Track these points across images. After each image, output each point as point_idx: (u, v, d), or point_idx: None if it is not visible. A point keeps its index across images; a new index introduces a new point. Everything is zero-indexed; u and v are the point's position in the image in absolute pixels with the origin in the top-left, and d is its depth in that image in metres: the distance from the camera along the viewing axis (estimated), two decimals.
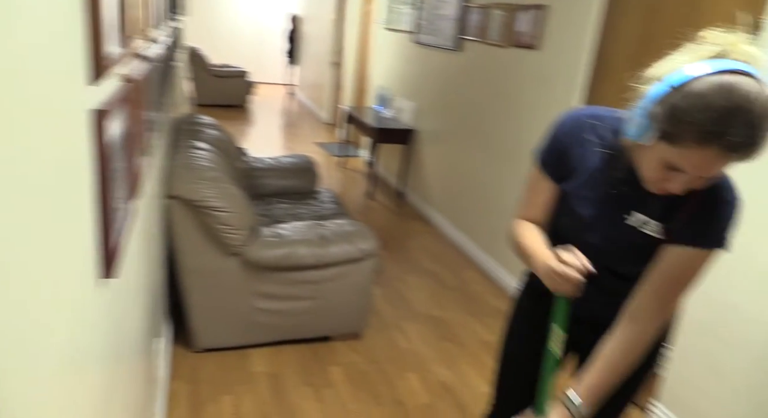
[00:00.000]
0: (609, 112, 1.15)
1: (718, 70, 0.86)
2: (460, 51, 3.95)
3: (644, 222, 1.09)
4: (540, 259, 1.13)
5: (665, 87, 0.90)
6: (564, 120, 1.18)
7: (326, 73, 7.87)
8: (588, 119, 1.15)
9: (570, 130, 1.15)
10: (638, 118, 0.95)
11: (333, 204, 3.43)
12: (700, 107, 0.86)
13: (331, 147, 6.57)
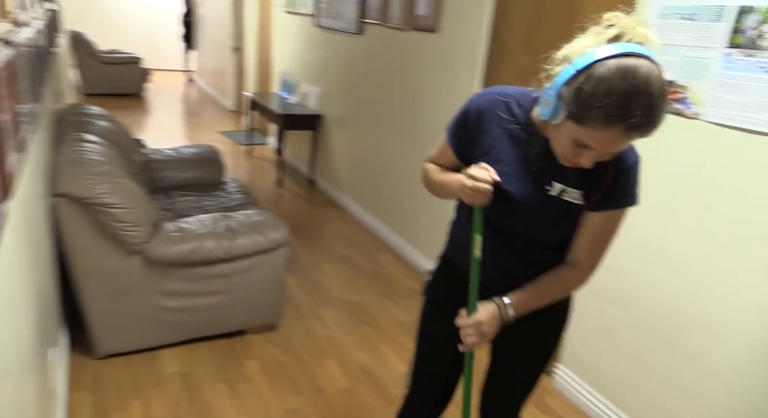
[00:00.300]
0: (518, 90, 1.20)
1: (619, 53, 0.92)
2: (362, 34, 3.93)
3: (563, 190, 1.16)
4: (454, 180, 1.21)
5: (572, 70, 0.96)
6: (476, 99, 1.21)
7: (227, 58, 7.57)
8: (500, 98, 1.18)
9: (483, 109, 1.18)
10: (550, 99, 1.00)
11: (241, 194, 3.32)
12: (604, 91, 0.91)
13: (237, 135, 6.36)
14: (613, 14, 0.99)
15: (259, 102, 5.11)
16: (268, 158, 5.66)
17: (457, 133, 1.25)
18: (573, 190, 1.15)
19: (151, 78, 8.71)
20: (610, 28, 0.97)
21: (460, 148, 1.26)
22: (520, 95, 1.18)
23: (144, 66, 8.14)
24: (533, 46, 2.46)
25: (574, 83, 0.95)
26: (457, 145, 1.26)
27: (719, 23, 1.68)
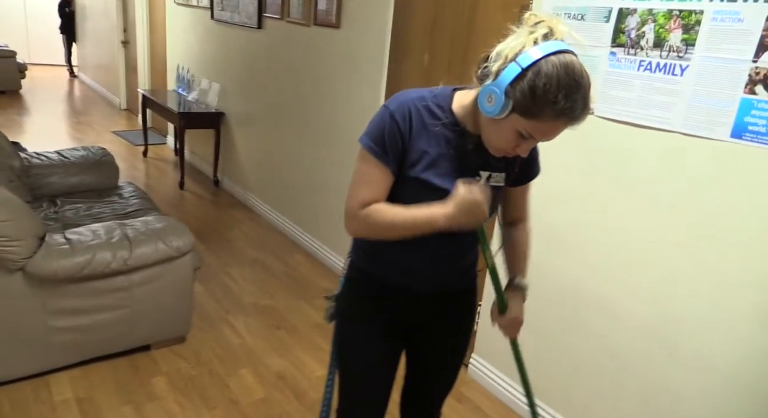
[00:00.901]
0: (428, 91, 1.19)
1: (557, 51, 0.98)
2: (262, 29, 3.81)
3: (489, 176, 1.21)
4: (436, 209, 1.11)
5: (517, 68, 0.99)
6: (396, 107, 1.15)
7: (116, 53, 7.06)
8: (418, 102, 1.16)
9: (408, 116, 1.14)
10: (495, 96, 1.01)
11: (138, 199, 3.10)
12: (554, 86, 0.97)
13: (131, 135, 5.95)
14: (536, 14, 1.04)
15: (152, 99, 4.81)
16: (167, 159, 5.35)
17: (388, 149, 1.15)
18: (497, 174, 1.23)
19: (29, 73, 7.95)
20: (537, 26, 1.01)
21: (395, 164, 1.16)
22: (435, 96, 1.17)
23: (20, 60, 7.40)
24: (434, 45, 2.50)
25: (525, 81, 0.98)
26: (392, 161, 1.15)
27: (606, 24, 1.79)
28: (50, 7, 9.54)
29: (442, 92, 1.18)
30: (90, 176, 3.20)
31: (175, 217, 3.91)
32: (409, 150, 1.15)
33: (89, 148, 3.35)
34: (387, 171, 1.16)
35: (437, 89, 1.19)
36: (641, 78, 1.72)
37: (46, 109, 6.98)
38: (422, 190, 1.16)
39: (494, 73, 1.02)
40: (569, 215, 2.02)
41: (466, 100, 1.15)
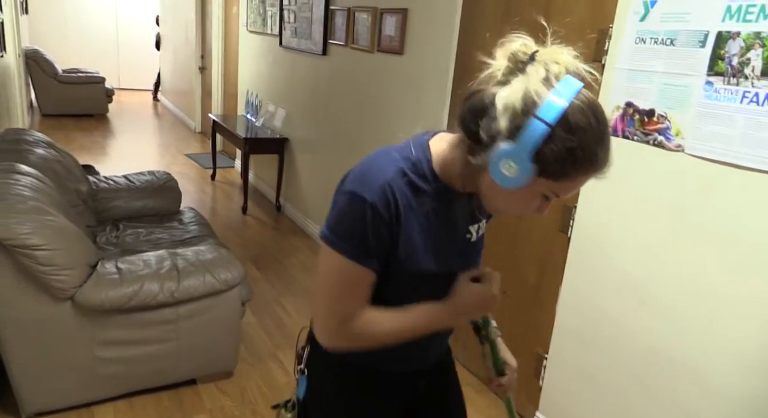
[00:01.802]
0: (404, 160, 0.94)
1: (576, 94, 0.78)
2: (327, 56, 3.78)
3: (479, 228, 1.06)
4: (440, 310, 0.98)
5: (542, 126, 0.77)
6: (377, 199, 0.88)
7: (194, 79, 7.35)
8: (400, 181, 0.92)
9: (393, 206, 0.90)
10: (517, 167, 0.79)
11: (197, 225, 3.10)
12: (591, 141, 0.79)
13: (202, 158, 6.12)
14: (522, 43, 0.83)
15: (221, 124, 4.90)
16: (233, 182, 5.43)
17: (372, 250, 0.90)
18: (482, 223, 1.07)
19: (118, 98, 8.45)
20: (536, 61, 0.81)
21: (380, 264, 0.93)
22: (414, 164, 0.93)
23: (108, 85, 7.88)
24: None
25: (556, 141, 0.77)
26: (377, 261, 0.92)
27: (701, 49, 1.56)
28: (140, 35, 10.17)
29: (418, 156, 0.93)
30: (153, 201, 3.24)
31: (235, 242, 3.92)
32: (398, 243, 0.92)
33: (155, 172, 3.41)
34: (371, 274, 0.93)
35: (411, 150, 0.95)
36: (745, 112, 1.47)
37: (128, 131, 7.35)
38: (419, 280, 0.97)
39: (506, 133, 0.78)
40: (654, 269, 1.76)
41: (446, 152, 0.92)
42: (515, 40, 0.84)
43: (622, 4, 1.78)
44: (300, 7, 4.08)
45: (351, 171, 0.95)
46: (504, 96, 0.79)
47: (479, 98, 0.83)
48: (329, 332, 0.97)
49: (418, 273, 0.96)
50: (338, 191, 0.94)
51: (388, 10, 3.01)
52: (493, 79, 0.84)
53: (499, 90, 0.80)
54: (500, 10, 2.31)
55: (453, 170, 0.92)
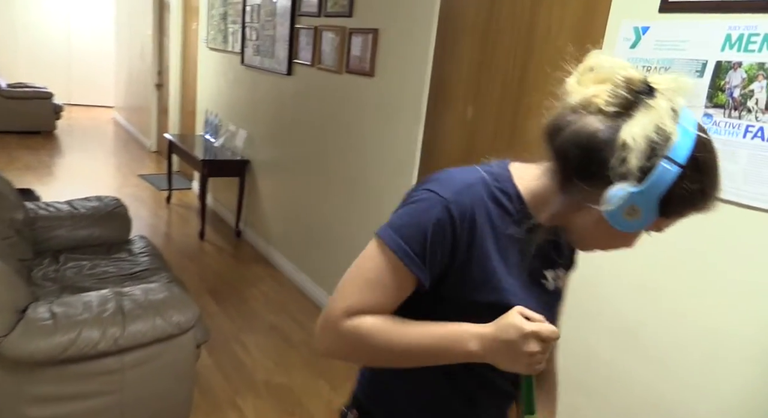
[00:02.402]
0: (487, 173, 0.84)
1: (696, 129, 0.72)
2: (292, 75, 3.60)
3: (555, 277, 0.91)
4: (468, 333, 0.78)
5: (673, 168, 0.70)
6: (455, 201, 0.78)
7: (149, 95, 7.05)
8: (484, 192, 0.81)
9: (470, 219, 0.79)
10: (643, 211, 0.72)
11: (148, 256, 2.85)
12: (714, 181, 0.74)
13: (157, 180, 5.81)
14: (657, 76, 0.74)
15: (178, 145, 4.64)
16: (190, 206, 5.15)
17: (428, 256, 0.79)
18: (561, 271, 0.93)
19: (67, 114, 8.02)
20: (673, 97, 0.72)
21: (430, 279, 0.81)
22: (496, 179, 0.83)
23: (56, 101, 7.47)
24: (479, 97, 2.21)
25: (688, 183, 0.71)
26: (429, 274, 0.80)
27: (698, 79, 1.46)
28: (94, 50, 9.76)
29: (500, 172, 0.84)
30: (100, 229, 2.97)
31: (191, 271, 3.66)
32: (465, 266, 0.80)
33: (102, 198, 3.14)
34: (412, 283, 0.81)
35: (492, 167, 0.86)
36: (748, 147, 1.37)
37: (77, 150, 6.96)
38: (490, 315, 0.80)
39: (634, 174, 0.70)
40: (651, 313, 1.64)
41: (532, 181, 0.83)
42: (624, 66, 0.74)
43: (611, 30, 1.68)
44: (263, 24, 3.91)
45: (424, 178, 0.86)
46: (632, 132, 0.70)
47: (586, 132, 0.73)
48: (328, 324, 0.83)
49: (491, 303, 0.81)
50: (409, 192, 0.86)
51: (358, 30, 2.87)
52: (591, 106, 0.74)
53: (620, 124, 0.71)
54: (478, 34, 2.20)
55: (540, 197, 0.82)
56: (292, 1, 3.48)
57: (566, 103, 0.77)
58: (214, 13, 4.79)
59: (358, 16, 2.90)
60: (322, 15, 3.19)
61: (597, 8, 1.73)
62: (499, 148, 2.11)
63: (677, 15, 1.50)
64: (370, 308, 0.81)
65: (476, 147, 2.22)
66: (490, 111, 2.16)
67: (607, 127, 0.72)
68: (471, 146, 2.25)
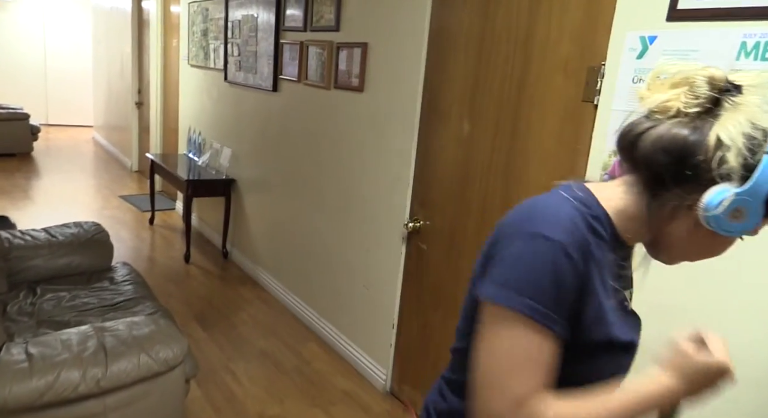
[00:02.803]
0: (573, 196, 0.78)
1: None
2: (278, 92, 3.51)
3: (630, 295, 0.88)
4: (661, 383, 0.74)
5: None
6: (571, 242, 0.71)
7: (130, 114, 6.90)
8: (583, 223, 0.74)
9: (587, 253, 0.73)
10: (748, 210, 0.68)
11: (131, 285, 2.71)
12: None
13: (139, 201, 5.65)
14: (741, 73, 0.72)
15: (161, 165, 4.50)
16: (174, 227, 5.00)
17: (561, 308, 0.71)
18: (630, 291, 0.88)
19: (44, 135, 7.83)
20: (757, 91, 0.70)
21: (568, 330, 0.73)
22: (584, 203, 0.77)
23: (33, 122, 7.28)
24: (475, 111, 2.13)
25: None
26: (566, 326, 0.72)
27: None
28: (71, 69, 9.59)
29: (587, 198, 0.78)
30: (80, 257, 2.82)
31: (176, 297, 3.51)
32: (582, 308, 0.73)
33: (82, 224, 2.99)
34: (558, 341, 0.72)
35: (574, 190, 0.79)
36: None
37: (56, 172, 6.76)
38: (603, 353, 0.76)
39: (737, 174, 0.68)
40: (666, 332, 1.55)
41: (617, 200, 0.78)
42: (700, 67, 0.72)
43: (616, 40, 1.61)
44: (246, 40, 3.81)
45: (509, 217, 0.79)
46: (726, 131, 0.68)
47: (671, 135, 0.71)
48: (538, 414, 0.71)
49: (604, 342, 0.76)
50: (502, 238, 0.76)
51: (346, 45, 2.79)
52: (669, 111, 0.72)
53: (708, 125, 0.69)
54: (473, 45, 2.12)
55: (627, 216, 0.78)
56: (276, 16, 3.40)
57: (639, 111, 0.76)
58: (195, 29, 4.69)
59: (345, 30, 2.82)
60: (308, 29, 3.11)
61: (599, 17, 1.67)
62: (498, 163, 2.03)
63: (687, 23, 1.43)
64: (536, 391, 0.72)
65: (474, 162, 2.14)
66: (488, 125, 2.08)
67: (693, 129, 0.70)
68: (468, 161, 2.17)
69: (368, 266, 2.78)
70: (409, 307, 2.56)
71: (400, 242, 2.55)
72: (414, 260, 2.50)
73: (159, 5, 5.67)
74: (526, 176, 1.93)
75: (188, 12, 4.78)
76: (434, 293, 2.40)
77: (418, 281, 2.49)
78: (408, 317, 2.57)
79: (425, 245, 2.43)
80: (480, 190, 2.12)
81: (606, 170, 1.70)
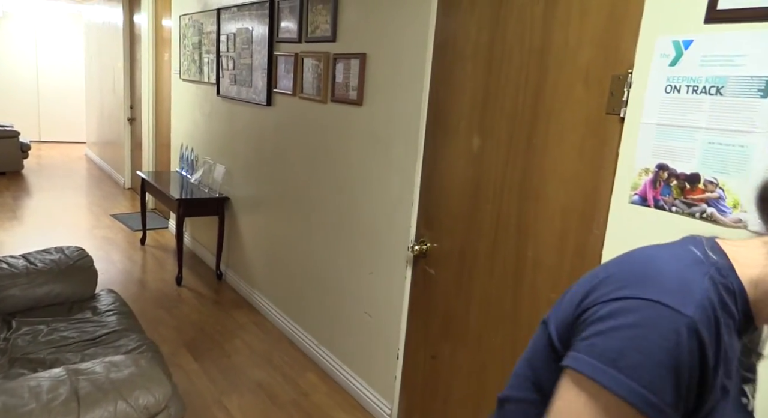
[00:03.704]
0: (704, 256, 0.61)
1: None
2: (272, 106, 3.35)
3: (754, 391, 0.71)
4: None
5: None
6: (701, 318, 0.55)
7: (122, 130, 6.74)
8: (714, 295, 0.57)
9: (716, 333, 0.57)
10: None
11: (116, 315, 2.52)
12: None
13: (131, 219, 5.47)
14: None
15: (152, 184, 4.33)
16: (166, 247, 4.81)
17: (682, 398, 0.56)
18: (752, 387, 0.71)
19: (36, 152, 7.66)
20: None
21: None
22: (719, 270, 0.60)
23: (23, 139, 7.12)
24: (486, 124, 1.96)
25: None
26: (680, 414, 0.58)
27: (762, 100, 1.22)
28: (63, 86, 9.45)
29: (721, 262, 0.61)
30: (61, 285, 2.63)
31: (167, 323, 3.32)
32: (705, 400, 0.57)
33: (64, 249, 2.81)
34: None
35: (704, 247, 0.63)
36: None
37: (46, 190, 6.58)
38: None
39: None
40: None
41: (756, 268, 0.61)
42: None
43: (644, 45, 1.45)
44: (239, 53, 3.66)
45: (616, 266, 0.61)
46: None
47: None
48: None
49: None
50: (607, 294, 0.58)
51: (343, 56, 2.63)
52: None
53: None
54: (482, 56, 1.96)
55: (764, 290, 0.60)
56: (270, 28, 3.24)
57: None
58: (186, 43, 4.54)
59: (342, 40, 2.66)
60: (303, 41, 2.95)
61: (625, 20, 1.50)
62: (513, 181, 1.86)
63: (729, 25, 1.27)
64: None
65: (485, 180, 1.97)
66: (500, 140, 1.91)
67: None
68: (479, 180, 1.99)
69: (371, 290, 2.59)
70: (416, 336, 2.37)
71: (404, 266, 2.37)
72: (421, 286, 2.32)
73: (150, 19, 5.53)
74: (544, 195, 1.76)
75: (180, 25, 4.64)
76: (444, 321, 2.21)
77: (425, 308, 2.30)
78: (415, 347, 2.38)
79: (433, 269, 2.25)
80: (493, 211, 1.95)
81: (635, 190, 1.53)
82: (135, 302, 3.54)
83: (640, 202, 1.47)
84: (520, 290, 1.87)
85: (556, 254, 1.74)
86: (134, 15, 6.22)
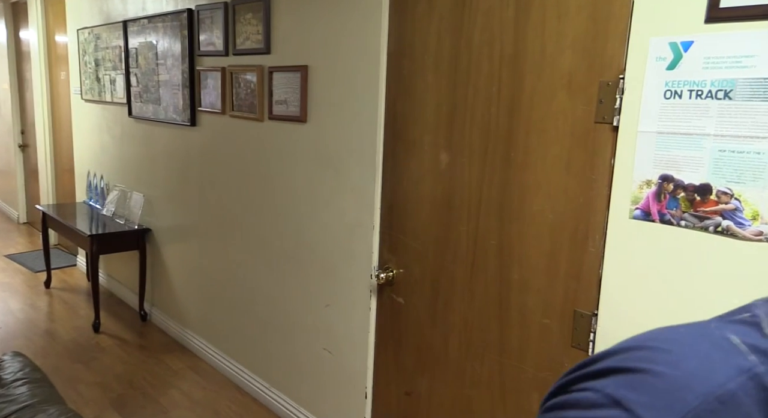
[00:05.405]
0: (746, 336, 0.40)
1: None
2: (198, 126, 3.02)
3: None
4: None
5: None
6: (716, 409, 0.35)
7: (13, 159, 6.00)
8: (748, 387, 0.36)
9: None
10: None
11: (26, 385, 2.10)
12: None
13: (31, 259, 4.83)
14: None
15: (55, 218, 3.81)
16: (77, 288, 4.27)
17: None
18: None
19: None
20: None
21: None
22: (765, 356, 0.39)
23: None
24: (455, 138, 1.80)
25: None
26: None
27: None
28: None
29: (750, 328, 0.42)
30: None
31: (87, 380, 2.87)
32: None
33: None
34: None
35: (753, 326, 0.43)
36: None
37: None
38: None
39: None
40: None
41: None
42: None
43: (637, 47, 1.35)
44: (153, 69, 3.29)
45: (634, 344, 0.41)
46: None
47: None
48: None
49: None
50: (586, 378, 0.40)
51: (280, 69, 2.39)
52: None
53: None
54: (445, 66, 1.80)
55: None
56: (190, 40, 2.93)
57: None
58: (87, 59, 4.07)
59: (278, 52, 2.42)
60: (231, 54, 2.67)
61: (610, 21, 1.40)
62: (490, 199, 1.71)
63: (733, 25, 1.19)
64: None
65: (458, 199, 1.81)
66: (473, 155, 1.76)
67: None
68: (450, 198, 1.83)
69: (329, 324, 2.35)
70: (386, 372, 2.16)
71: (368, 296, 2.15)
72: (388, 316, 2.12)
73: (41, 34, 4.95)
74: (529, 212, 1.62)
75: (78, 40, 4.15)
76: (418, 353, 2.02)
77: (395, 340, 2.10)
78: (385, 384, 2.17)
79: (401, 297, 2.05)
80: (469, 231, 1.79)
81: (637, 204, 1.43)
82: (45, 359, 3.06)
83: (642, 216, 1.36)
84: (506, 315, 1.72)
85: (546, 275, 1.60)
86: (20, 31, 5.56)
